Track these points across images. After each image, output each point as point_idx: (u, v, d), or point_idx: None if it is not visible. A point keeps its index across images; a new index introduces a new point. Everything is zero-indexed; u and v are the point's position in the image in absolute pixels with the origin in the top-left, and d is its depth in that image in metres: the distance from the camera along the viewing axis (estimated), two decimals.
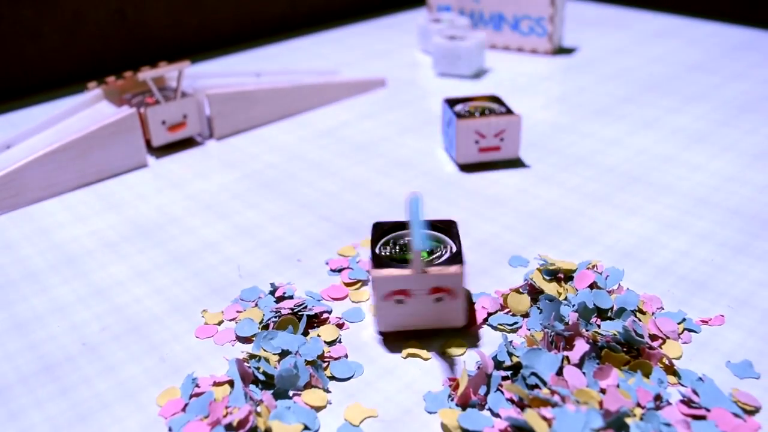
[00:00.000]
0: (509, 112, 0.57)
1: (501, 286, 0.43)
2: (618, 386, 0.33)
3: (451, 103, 0.59)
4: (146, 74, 0.60)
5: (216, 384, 0.35)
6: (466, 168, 0.58)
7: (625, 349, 0.36)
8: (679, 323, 0.39)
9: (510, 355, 0.35)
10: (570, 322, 0.36)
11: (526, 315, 0.40)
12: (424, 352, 0.38)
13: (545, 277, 0.41)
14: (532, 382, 0.34)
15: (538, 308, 0.39)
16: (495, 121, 0.55)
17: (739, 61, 0.81)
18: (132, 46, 0.91)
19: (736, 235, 0.47)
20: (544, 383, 0.34)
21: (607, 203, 0.52)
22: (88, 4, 0.86)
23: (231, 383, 0.36)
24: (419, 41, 0.89)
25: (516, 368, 0.35)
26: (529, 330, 0.38)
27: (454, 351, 0.38)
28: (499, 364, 0.35)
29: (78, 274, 0.46)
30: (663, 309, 0.40)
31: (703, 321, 0.39)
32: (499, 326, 0.39)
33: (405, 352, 0.38)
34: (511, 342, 0.36)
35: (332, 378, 0.37)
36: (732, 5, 1.13)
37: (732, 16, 1.05)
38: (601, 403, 0.32)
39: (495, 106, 0.58)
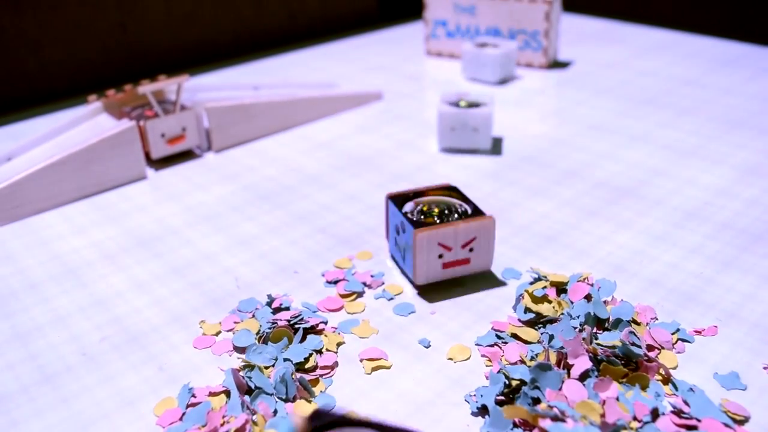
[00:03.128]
0: (477, 212, 0.45)
1: (494, 298, 0.44)
2: (617, 399, 0.34)
3: (398, 200, 0.47)
4: (146, 88, 0.61)
5: (212, 394, 0.36)
6: (462, 180, 0.59)
7: (622, 362, 0.37)
8: (673, 333, 0.40)
9: (507, 378, 0.36)
10: (585, 336, 0.37)
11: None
12: (385, 362, 0.39)
13: (536, 295, 0.41)
14: (535, 395, 0.34)
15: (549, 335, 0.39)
16: (464, 227, 0.43)
17: (731, 76, 0.82)
18: (132, 59, 0.92)
19: (726, 248, 0.48)
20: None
21: (599, 216, 0.53)
22: (88, 17, 0.87)
23: (227, 393, 0.36)
24: (465, 69, 0.84)
25: (515, 390, 0.36)
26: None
27: (458, 357, 0.39)
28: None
29: (78, 285, 0.47)
30: (657, 319, 0.41)
31: (696, 331, 0.40)
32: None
33: (369, 367, 0.39)
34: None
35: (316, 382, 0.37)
36: (724, 20, 1.14)
37: (724, 31, 1.07)
38: (602, 416, 0.33)
39: (455, 201, 0.47)
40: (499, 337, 0.40)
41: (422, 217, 0.45)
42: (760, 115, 0.70)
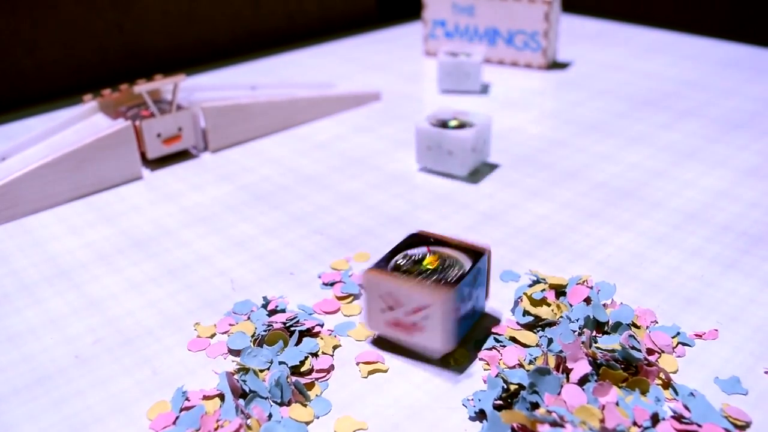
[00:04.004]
0: (455, 283, 0.37)
1: (492, 300, 0.43)
2: (617, 404, 0.33)
3: (416, 239, 0.41)
4: (142, 87, 0.61)
5: (206, 398, 0.36)
6: (460, 182, 0.58)
7: (622, 366, 0.36)
8: (673, 337, 0.39)
9: (505, 382, 0.35)
10: (585, 340, 0.36)
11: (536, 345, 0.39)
12: (381, 366, 0.38)
13: (535, 298, 0.41)
14: (534, 399, 0.34)
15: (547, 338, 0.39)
16: (413, 289, 0.37)
17: (730, 78, 0.81)
18: (128, 58, 0.92)
19: (726, 251, 0.48)
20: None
21: (599, 218, 0.52)
22: (84, 16, 0.86)
23: (221, 396, 0.36)
24: (440, 82, 0.80)
25: (513, 395, 0.35)
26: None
27: (457, 360, 0.38)
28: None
29: (71, 287, 0.46)
30: (657, 323, 0.41)
31: (697, 335, 0.40)
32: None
33: (365, 370, 0.38)
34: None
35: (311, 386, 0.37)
36: (724, 21, 1.14)
37: (724, 32, 1.06)
38: (602, 421, 0.32)
39: (466, 266, 0.39)
40: (497, 340, 0.39)
41: (411, 265, 0.39)
42: (760, 117, 0.70)
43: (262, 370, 0.37)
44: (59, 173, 0.56)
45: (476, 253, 0.40)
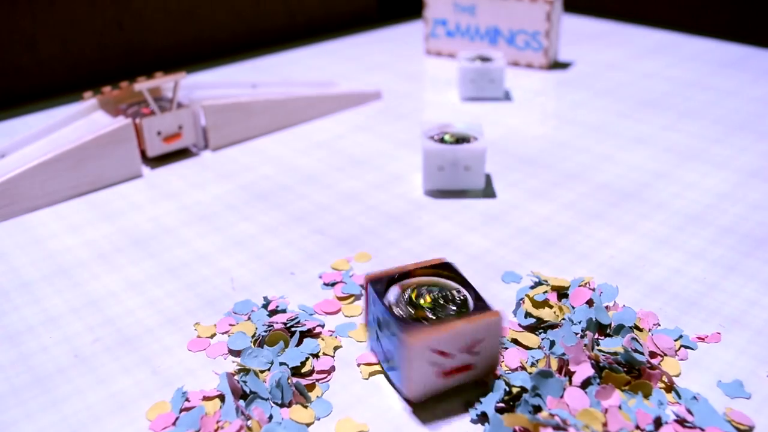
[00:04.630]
0: (481, 306, 0.36)
1: (493, 302, 0.43)
2: (620, 407, 0.33)
3: (379, 284, 0.37)
4: (142, 85, 0.60)
5: (206, 398, 0.35)
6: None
7: (625, 369, 0.36)
8: (676, 340, 0.39)
9: (507, 384, 0.35)
10: (587, 342, 0.36)
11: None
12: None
13: (537, 300, 0.41)
14: (536, 402, 0.34)
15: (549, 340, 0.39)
16: (466, 328, 0.34)
17: (733, 78, 0.81)
18: (128, 56, 0.92)
19: (729, 253, 0.48)
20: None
21: (601, 220, 0.52)
22: (84, 13, 0.86)
23: (221, 397, 0.36)
24: (461, 89, 0.77)
25: (516, 398, 0.35)
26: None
27: None
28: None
29: (71, 285, 0.46)
30: (659, 325, 0.41)
31: (699, 338, 0.40)
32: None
33: (366, 372, 0.38)
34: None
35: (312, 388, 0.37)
36: (726, 22, 1.14)
37: (726, 33, 1.06)
38: (605, 425, 0.32)
39: (450, 285, 0.38)
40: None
41: (411, 310, 0.36)
42: (762, 118, 0.70)
43: (262, 371, 0.37)
44: (59, 171, 0.56)
45: (445, 267, 0.39)
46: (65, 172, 0.56)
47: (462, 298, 0.37)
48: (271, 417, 0.34)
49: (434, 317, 0.35)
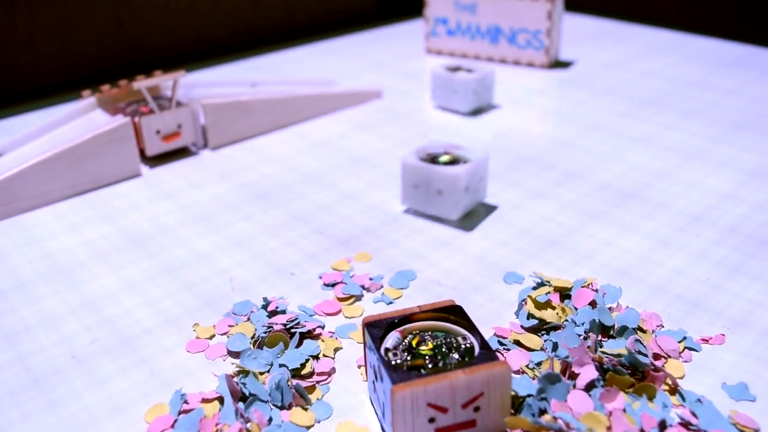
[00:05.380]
0: (488, 353, 0.32)
1: (495, 303, 0.43)
2: (624, 410, 0.33)
3: (376, 328, 0.34)
4: (141, 83, 0.60)
5: (204, 401, 0.35)
6: None
7: (629, 371, 0.36)
8: (679, 342, 0.39)
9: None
10: (590, 344, 0.36)
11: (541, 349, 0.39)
12: None
13: (539, 301, 0.40)
14: (541, 406, 0.33)
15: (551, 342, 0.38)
16: (465, 381, 0.31)
17: (735, 78, 0.81)
18: (127, 54, 0.91)
19: (733, 254, 0.47)
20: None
21: (603, 220, 0.52)
22: (83, 11, 0.85)
23: (220, 400, 0.35)
24: (433, 96, 0.73)
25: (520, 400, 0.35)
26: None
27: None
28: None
29: (69, 285, 0.46)
30: (663, 327, 0.40)
31: (704, 339, 0.39)
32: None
33: (365, 375, 0.38)
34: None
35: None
36: (728, 21, 1.13)
37: (728, 32, 1.06)
38: (609, 428, 0.32)
39: (457, 331, 0.34)
40: (501, 343, 0.39)
41: (409, 357, 0.33)
42: (765, 118, 0.69)
43: (262, 373, 0.36)
44: (57, 170, 0.56)
45: (453, 310, 0.35)
46: (63, 171, 0.56)
47: (468, 345, 0.33)
48: (270, 420, 0.34)
49: (432, 366, 0.32)
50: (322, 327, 0.40)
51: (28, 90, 0.84)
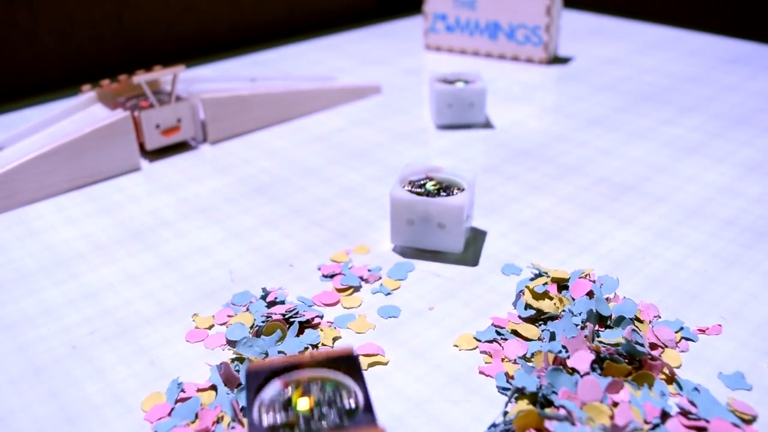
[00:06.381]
0: (368, 417, 0.27)
1: (493, 293, 0.43)
2: (629, 402, 0.33)
3: (256, 378, 0.29)
4: (141, 78, 0.60)
5: (199, 390, 0.35)
6: None
7: (626, 361, 0.36)
8: (676, 332, 0.39)
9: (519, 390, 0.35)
10: (588, 334, 0.36)
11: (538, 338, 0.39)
12: (382, 358, 0.38)
13: (537, 291, 0.41)
14: (551, 398, 0.33)
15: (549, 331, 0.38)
16: None
17: (733, 74, 0.81)
18: (127, 49, 0.91)
19: (730, 246, 0.47)
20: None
21: (601, 212, 0.52)
22: (83, 6, 0.85)
23: (216, 389, 0.35)
24: (434, 116, 0.68)
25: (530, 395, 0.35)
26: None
27: (464, 345, 0.38)
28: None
29: (69, 277, 0.46)
30: (660, 317, 0.40)
31: (700, 330, 0.39)
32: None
33: (365, 363, 0.38)
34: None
35: None
36: (726, 17, 1.13)
37: (726, 28, 1.06)
38: (611, 418, 0.32)
39: (344, 384, 0.29)
40: (498, 333, 0.39)
41: (285, 414, 0.28)
42: (762, 113, 0.69)
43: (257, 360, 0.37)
44: (57, 163, 0.56)
45: (347, 360, 0.30)
46: (63, 164, 0.56)
47: (353, 406, 0.28)
48: None
49: (306, 428, 0.27)
50: (321, 317, 0.41)
51: (28, 85, 0.84)
